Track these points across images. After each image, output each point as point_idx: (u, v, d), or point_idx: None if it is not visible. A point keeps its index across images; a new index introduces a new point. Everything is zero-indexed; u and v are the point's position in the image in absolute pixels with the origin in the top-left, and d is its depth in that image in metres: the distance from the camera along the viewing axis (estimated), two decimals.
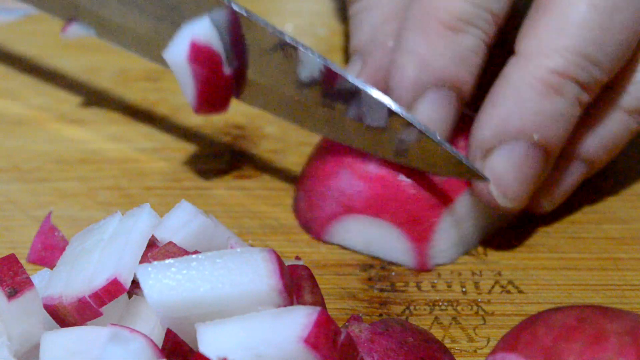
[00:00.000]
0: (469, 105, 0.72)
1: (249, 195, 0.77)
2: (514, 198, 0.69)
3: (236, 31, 0.72)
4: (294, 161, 0.80)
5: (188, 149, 0.81)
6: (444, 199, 0.70)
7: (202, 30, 0.72)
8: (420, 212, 0.69)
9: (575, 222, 0.75)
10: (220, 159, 0.81)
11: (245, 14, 0.71)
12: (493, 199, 0.69)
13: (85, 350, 0.58)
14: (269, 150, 0.81)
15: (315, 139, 0.77)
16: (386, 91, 0.70)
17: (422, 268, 0.70)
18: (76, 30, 0.80)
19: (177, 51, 0.72)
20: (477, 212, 0.71)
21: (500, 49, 0.72)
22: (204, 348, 0.55)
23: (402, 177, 0.70)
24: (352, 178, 0.71)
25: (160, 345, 0.58)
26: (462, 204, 0.70)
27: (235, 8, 0.72)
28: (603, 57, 0.67)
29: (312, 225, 0.73)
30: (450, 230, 0.70)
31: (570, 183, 0.73)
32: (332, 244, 0.73)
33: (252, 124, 0.84)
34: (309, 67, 0.70)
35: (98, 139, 0.82)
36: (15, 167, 0.80)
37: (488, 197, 0.69)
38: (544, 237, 0.73)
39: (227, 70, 0.73)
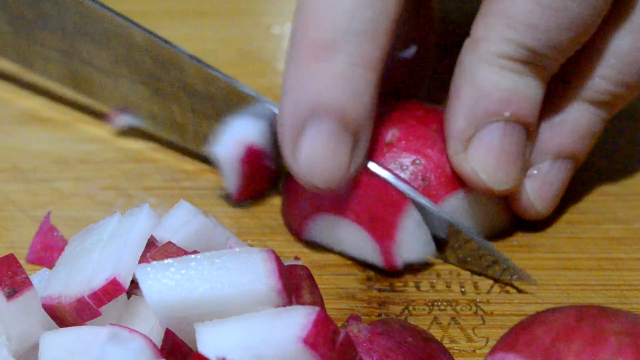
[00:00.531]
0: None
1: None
2: (505, 180, 0.69)
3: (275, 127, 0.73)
4: None
5: (188, 149, 0.81)
6: (405, 198, 0.69)
7: (251, 130, 0.74)
8: (382, 211, 0.69)
9: (575, 222, 0.75)
10: None
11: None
12: (487, 187, 0.69)
13: (85, 350, 0.58)
14: None
15: None
16: None
17: (391, 267, 0.70)
18: (124, 120, 0.82)
19: (228, 150, 0.74)
20: (461, 218, 0.71)
21: None
22: (202, 348, 0.55)
23: (364, 177, 0.69)
24: None
25: (159, 345, 0.58)
26: (445, 209, 0.70)
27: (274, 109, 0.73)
28: (549, 51, 0.68)
29: (292, 224, 0.74)
30: (417, 228, 0.70)
31: (560, 182, 0.73)
32: (311, 241, 0.73)
33: None
34: None
35: (98, 139, 0.82)
36: (15, 167, 0.80)
37: (482, 186, 0.69)
38: (543, 237, 0.73)
39: (270, 164, 0.76)
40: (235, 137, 0.74)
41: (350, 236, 0.71)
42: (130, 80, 0.78)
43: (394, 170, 0.70)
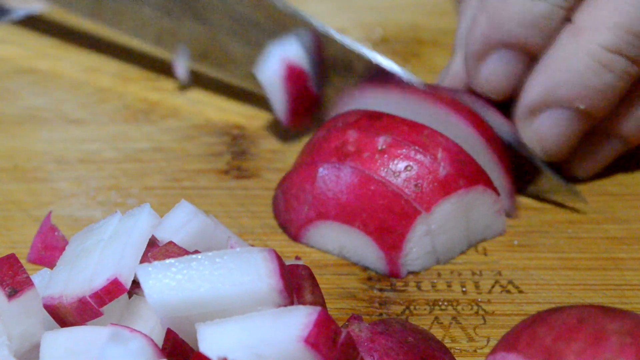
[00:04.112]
0: None
1: (249, 195, 0.77)
2: (553, 154, 0.74)
3: (318, 50, 0.78)
4: (293, 161, 0.80)
5: (188, 149, 0.81)
6: (416, 209, 0.69)
7: (293, 50, 0.78)
8: (392, 222, 0.69)
9: (575, 222, 0.75)
10: (220, 159, 0.81)
11: (329, 34, 0.78)
12: (536, 152, 0.74)
13: (86, 350, 0.58)
14: (269, 150, 0.81)
15: None
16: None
17: (394, 275, 0.70)
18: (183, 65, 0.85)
19: (271, 70, 0.78)
20: (455, 222, 0.71)
21: None
22: (204, 347, 0.55)
23: (373, 187, 0.70)
24: (327, 185, 0.71)
25: (160, 344, 0.58)
26: (439, 214, 0.70)
27: (320, 29, 0.77)
28: None
29: (289, 227, 0.73)
30: (423, 239, 0.70)
31: (606, 157, 0.76)
32: (309, 246, 0.73)
33: (252, 124, 0.84)
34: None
35: (98, 139, 0.82)
36: (15, 167, 0.80)
37: (530, 148, 0.74)
38: (544, 237, 0.73)
39: (313, 87, 0.79)
40: (278, 57, 0.78)
41: (354, 244, 0.71)
42: (178, 11, 0.81)
43: (386, 176, 0.70)
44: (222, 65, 0.83)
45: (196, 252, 0.59)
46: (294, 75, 0.77)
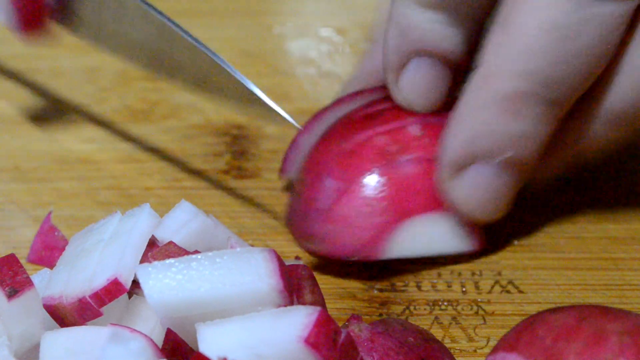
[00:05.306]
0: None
1: (249, 195, 0.77)
2: (484, 214, 0.69)
3: None
4: None
5: (188, 149, 0.81)
6: None
7: None
8: None
9: (575, 222, 0.75)
10: (220, 159, 0.81)
11: None
12: (469, 217, 0.69)
13: (86, 350, 0.57)
14: (269, 150, 0.81)
15: None
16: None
17: (483, 246, 0.70)
18: None
19: None
20: None
21: None
22: (204, 348, 0.55)
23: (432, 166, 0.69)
24: (409, 179, 0.70)
25: (160, 345, 0.58)
26: None
27: None
28: (563, 82, 0.65)
29: (348, 249, 0.70)
30: None
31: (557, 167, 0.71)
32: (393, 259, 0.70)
33: (252, 124, 0.84)
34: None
35: (98, 139, 0.82)
36: (15, 167, 0.80)
37: (464, 215, 0.69)
38: (544, 237, 0.73)
39: None
40: None
41: (442, 232, 0.70)
42: None
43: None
44: None
45: (196, 252, 0.60)
46: None
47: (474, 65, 0.70)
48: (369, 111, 0.72)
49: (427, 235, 0.70)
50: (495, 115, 0.66)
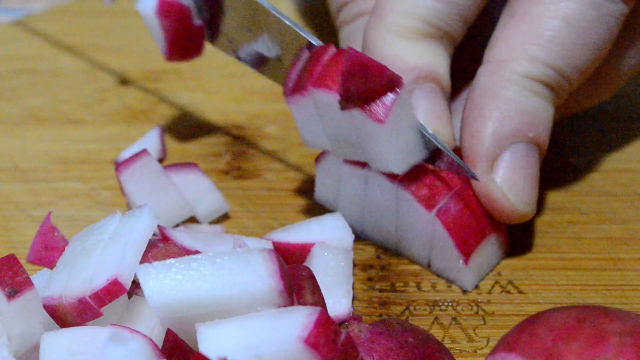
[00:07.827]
0: None
1: (249, 195, 0.77)
2: (529, 201, 0.69)
3: None
4: (294, 161, 0.80)
5: (188, 149, 0.81)
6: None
7: None
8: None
9: (575, 222, 0.75)
10: (220, 159, 0.81)
11: None
12: (513, 208, 0.69)
13: (86, 350, 0.58)
14: (269, 150, 0.81)
15: None
16: None
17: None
18: None
19: (147, 4, 0.76)
20: None
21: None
22: (204, 348, 0.55)
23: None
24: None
25: (160, 345, 0.58)
26: None
27: None
28: (570, 71, 0.70)
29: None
30: None
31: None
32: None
33: (252, 124, 0.84)
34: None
35: (98, 139, 0.82)
36: (15, 167, 0.80)
37: (508, 208, 0.69)
38: (544, 237, 0.73)
39: (197, 20, 0.77)
40: None
41: (491, 250, 0.71)
42: None
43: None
44: None
45: (197, 252, 0.60)
46: (170, 10, 0.76)
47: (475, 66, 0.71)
48: None
49: (491, 253, 0.71)
50: (516, 92, 0.69)
